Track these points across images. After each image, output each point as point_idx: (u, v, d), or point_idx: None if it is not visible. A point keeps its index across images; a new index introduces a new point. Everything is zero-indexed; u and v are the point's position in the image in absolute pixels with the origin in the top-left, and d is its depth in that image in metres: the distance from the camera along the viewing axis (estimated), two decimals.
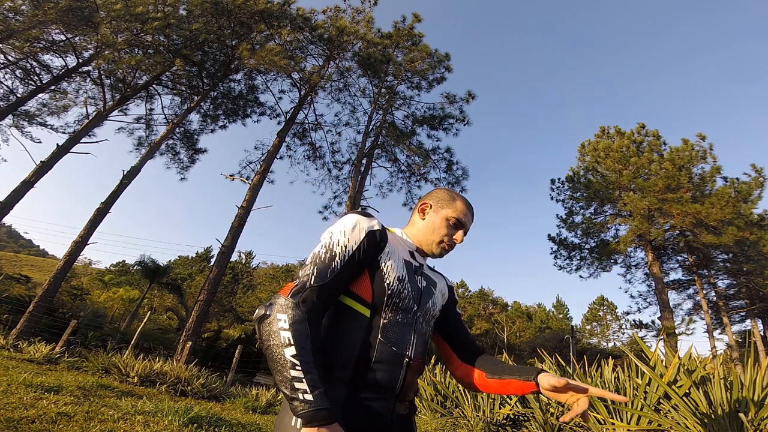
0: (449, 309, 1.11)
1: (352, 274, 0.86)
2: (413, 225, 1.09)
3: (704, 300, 17.44)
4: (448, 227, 1.03)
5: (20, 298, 13.37)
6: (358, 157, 13.65)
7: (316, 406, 0.67)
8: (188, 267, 39.57)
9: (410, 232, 1.08)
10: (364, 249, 0.87)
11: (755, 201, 14.13)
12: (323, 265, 0.82)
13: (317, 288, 0.79)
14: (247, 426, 4.08)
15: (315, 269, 0.81)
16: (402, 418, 0.90)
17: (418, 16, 14.78)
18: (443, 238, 1.02)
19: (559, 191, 19.03)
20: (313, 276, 0.80)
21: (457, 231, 1.04)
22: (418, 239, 1.05)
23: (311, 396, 0.68)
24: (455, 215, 1.03)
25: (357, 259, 0.86)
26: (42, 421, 2.78)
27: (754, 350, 3.36)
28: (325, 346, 0.84)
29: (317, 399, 0.68)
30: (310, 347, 0.73)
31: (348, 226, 0.88)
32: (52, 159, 11.41)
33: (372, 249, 0.89)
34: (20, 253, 65.40)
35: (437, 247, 1.02)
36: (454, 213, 1.03)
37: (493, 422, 4.36)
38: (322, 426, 0.66)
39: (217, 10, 12.55)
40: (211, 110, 15.43)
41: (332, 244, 0.85)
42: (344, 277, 0.84)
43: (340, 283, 0.84)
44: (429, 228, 1.04)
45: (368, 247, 0.88)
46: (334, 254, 0.84)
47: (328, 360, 0.82)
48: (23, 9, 11.69)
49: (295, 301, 0.76)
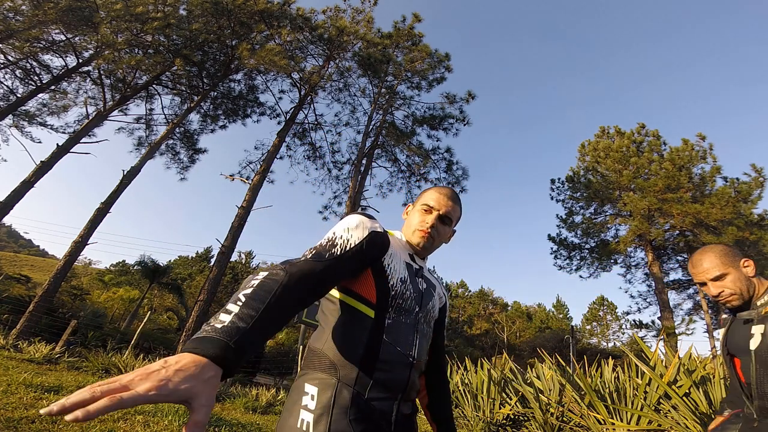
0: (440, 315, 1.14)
1: (351, 269, 0.85)
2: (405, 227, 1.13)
3: (704, 300, 17.44)
4: (421, 215, 1.06)
5: (20, 298, 13.37)
6: (358, 157, 13.65)
7: (214, 334, 0.54)
8: (188, 267, 39.61)
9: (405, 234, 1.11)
10: (365, 247, 0.87)
11: (755, 201, 14.13)
12: (322, 249, 0.82)
13: (311, 261, 0.76)
14: (247, 426, 4.08)
15: (314, 251, 0.81)
16: (405, 417, 0.91)
17: (418, 16, 14.78)
18: (417, 226, 1.04)
19: (559, 191, 19.04)
20: (311, 254, 0.80)
21: (428, 216, 1.05)
22: (407, 237, 1.08)
23: (220, 325, 0.56)
24: (424, 201, 1.06)
25: (357, 255, 0.85)
26: (42, 421, 2.78)
27: None
28: (331, 347, 0.85)
29: (223, 330, 0.55)
30: (266, 299, 0.63)
31: (352, 224, 0.89)
32: (52, 159, 11.42)
33: (374, 249, 0.89)
34: (20, 253, 65.45)
35: (414, 236, 1.04)
36: (424, 199, 1.07)
37: (493, 422, 4.36)
38: (196, 354, 0.51)
39: (217, 10, 12.55)
40: (211, 110, 15.44)
41: (335, 237, 0.86)
42: (341, 268, 0.81)
43: (336, 272, 0.80)
44: (408, 222, 1.09)
45: (370, 246, 0.88)
46: (335, 244, 0.84)
47: (334, 360, 0.83)
48: (23, 9, 11.69)
49: (283, 266, 0.73)
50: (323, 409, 0.76)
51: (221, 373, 0.52)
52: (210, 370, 0.51)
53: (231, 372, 0.53)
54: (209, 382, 0.50)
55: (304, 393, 0.80)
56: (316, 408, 0.77)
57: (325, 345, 0.86)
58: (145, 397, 0.44)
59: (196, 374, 0.49)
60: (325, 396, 0.78)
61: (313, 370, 0.84)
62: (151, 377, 0.46)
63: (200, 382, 0.49)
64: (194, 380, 0.48)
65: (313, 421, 0.75)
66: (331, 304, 0.91)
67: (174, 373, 0.47)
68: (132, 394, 0.43)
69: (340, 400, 0.78)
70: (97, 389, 0.43)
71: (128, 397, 0.43)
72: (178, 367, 0.48)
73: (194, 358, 0.50)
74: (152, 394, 0.44)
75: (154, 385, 0.45)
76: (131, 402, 0.43)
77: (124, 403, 0.42)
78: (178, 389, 0.47)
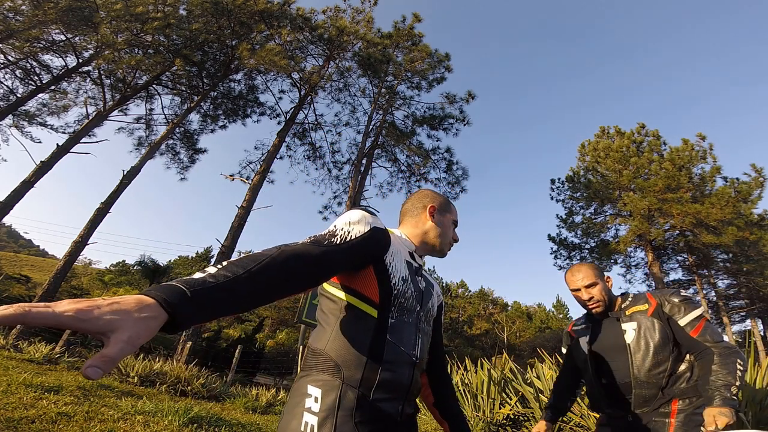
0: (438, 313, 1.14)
1: (349, 261, 0.82)
2: (417, 226, 1.10)
3: (704, 300, 17.44)
4: (452, 229, 1.15)
5: (20, 298, 13.37)
6: (358, 157, 13.65)
7: (176, 282, 0.51)
8: (188, 267, 39.55)
9: (414, 233, 1.08)
10: (366, 241, 0.84)
11: (755, 201, 14.12)
12: (322, 237, 0.79)
13: (308, 245, 0.73)
14: (247, 426, 4.08)
15: (312, 238, 0.78)
16: (408, 417, 0.90)
17: (418, 16, 14.78)
18: (452, 239, 1.14)
19: (559, 191, 19.03)
20: (309, 240, 0.77)
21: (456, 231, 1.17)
22: (427, 240, 1.08)
23: (188, 278, 0.53)
24: (456, 218, 1.17)
25: (357, 247, 0.82)
26: (42, 421, 2.78)
27: (754, 350, 3.36)
28: (333, 348, 0.83)
29: (187, 281, 0.51)
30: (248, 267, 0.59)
31: (353, 218, 0.87)
32: (52, 159, 11.41)
33: (375, 245, 0.87)
34: (20, 253, 65.40)
35: (448, 246, 1.13)
36: (455, 216, 1.17)
37: (493, 422, 4.36)
38: (144, 295, 0.47)
39: (217, 10, 12.55)
40: (211, 110, 15.43)
41: (335, 229, 0.84)
42: (339, 257, 0.77)
43: (333, 260, 0.75)
44: (440, 230, 1.10)
45: (371, 241, 0.86)
46: (335, 234, 0.82)
47: (337, 361, 0.81)
48: (23, 9, 11.69)
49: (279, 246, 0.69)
50: (328, 412, 0.74)
51: (165, 318, 0.46)
52: (150, 311, 0.45)
53: (179, 322, 0.47)
54: (143, 321, 0.44)
55: (307, 395, 0.78)
56: (320, 410, 0.75)
57: (327, 345, 0.84)
58: (56, 317, 0.39)
59: (130, 310, 0.43)
60: (329, 398, 0.76)
61: (315, 372, 0.82)
62: (80, 303, 0.41)
63: (130, 317, 0.43)
64: (124, 315, 0.43)
65: (317, 424, 0.73)
66: (331, 303, 0.89)
67: (108, 305, 0.43)
68: (46, 311, 0.39)
69: (344, 402, 0.76)
70: (26, 306, 0.39)
71: (38, 312, 0.38)
72: (116, 300, 0.44)
73: (139, 298, 0.46)
74: (67, 316, 0.39)
75: (75, 308, 0.40)
76: (38, 317, 0.38)
77: (29, 315, 0.37)
78: (100, 318, 0.41)
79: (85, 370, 0.39)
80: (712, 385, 1.30)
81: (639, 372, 1.44)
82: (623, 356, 1.49)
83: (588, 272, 1.61)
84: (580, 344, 1.67)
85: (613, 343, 1.55)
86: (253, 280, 0.58)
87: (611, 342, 1.56)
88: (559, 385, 1.81)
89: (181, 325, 0.48)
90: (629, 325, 1.53)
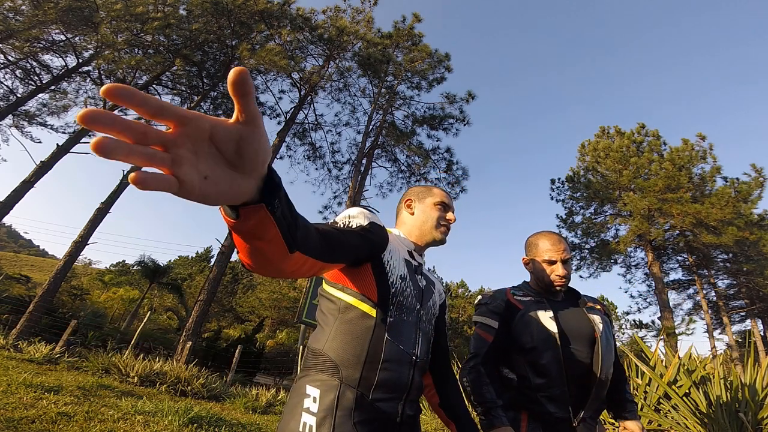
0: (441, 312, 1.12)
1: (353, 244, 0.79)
2: (404, 222, 1.11)
3: (704, 300, 17.44)
4: (438, 210, 1.09)
5: (20, 298, 13.35)
6: (358, 157, 13.65)
7: None
8: (188, 267, 39.52)
9: (406, 231, 1.09)
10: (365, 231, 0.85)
11: (755, 201, 14.12)
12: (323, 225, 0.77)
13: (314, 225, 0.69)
14: (247, 426, 4.08)
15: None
16: (410, 418, 0.89)
17: (418, 16, 14.77)
18: (438, 221, 1.07)
19: (559, 191, 19.02)
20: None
21: (446, 212, 1.10)
22: (416, 233, 1.07)
23: None
24: (439, 199, 1.11)
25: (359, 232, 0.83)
26: (42, 421, 2.78)
27: (754, 350, 3.35)
28: (332, 347, 0.82)
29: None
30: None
31: (353, 213, 0.89)
32: (52, 159, 11.41)
33: (374, 237, 0.87)
34: (20, 253, 65.40)
35: (436, 230, 1.07)
36: (438, 198, 1.11)
37: None
38: None
39: (217, 10, 12.54)
40: (211, 110, 15.42)
41: (336, 222, 0.87)
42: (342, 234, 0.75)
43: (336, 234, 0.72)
44: (421, 218, 1.08)
45: (370, 233, 0.86)
46: (336, 224, 0.84)
47: (336, 361, 0.80)
48: (23, 9, 11.69)
49: None
50: (326, 412, 0.74)
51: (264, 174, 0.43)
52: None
53: (270, 188, 0.44)
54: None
55: (306, 395, 0.78)
56: (319, 411, 0.74)
57: (325, 345, 0.83)
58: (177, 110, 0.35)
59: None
60: (327, 398, 0.76)
61: (314, 372, 0.82)
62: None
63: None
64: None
65: (315, 424, 0.72)
66: (330, 303, 0.89)
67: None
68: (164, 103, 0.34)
69: (343, 401, 0.75)
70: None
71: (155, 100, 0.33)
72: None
73: None
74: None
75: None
76: (155, 104, 0.33)
77: (148, 100, 0.32)
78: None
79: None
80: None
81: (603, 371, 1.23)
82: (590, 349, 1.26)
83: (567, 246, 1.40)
84: (537, 318, 1.31)
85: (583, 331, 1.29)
86: (306, 226, 0.59)
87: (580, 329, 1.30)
88: (491, 374, 1.30)
89: (271, 190, 0.45)
90: (594, 317, 1.33)
